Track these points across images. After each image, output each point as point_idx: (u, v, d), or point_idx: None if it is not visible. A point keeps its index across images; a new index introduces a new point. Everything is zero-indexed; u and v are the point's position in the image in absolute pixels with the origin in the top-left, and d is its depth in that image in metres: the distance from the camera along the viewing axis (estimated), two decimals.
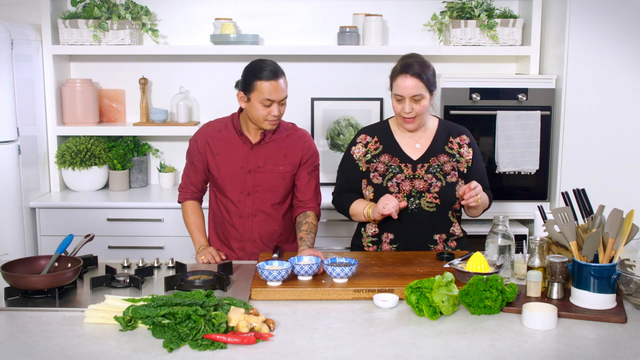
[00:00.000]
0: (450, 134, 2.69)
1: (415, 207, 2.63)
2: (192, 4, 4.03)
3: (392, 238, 2.67)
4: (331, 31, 4.01)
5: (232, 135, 2.72)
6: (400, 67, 2.56)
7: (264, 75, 2.56)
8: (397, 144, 2.68)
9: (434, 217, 2.64)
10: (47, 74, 3.80)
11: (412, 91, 2.53)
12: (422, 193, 2.62)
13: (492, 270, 2.22)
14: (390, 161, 2.65)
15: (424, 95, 2.54)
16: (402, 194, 2.62)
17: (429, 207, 2.63)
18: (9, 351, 1.77)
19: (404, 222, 2.62)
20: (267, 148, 2.72)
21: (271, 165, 2.71)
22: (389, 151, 2.67)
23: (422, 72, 2.53)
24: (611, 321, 1.98)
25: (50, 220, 3.63)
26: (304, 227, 2.68)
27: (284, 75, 2.62)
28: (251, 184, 2.71)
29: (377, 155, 2.68)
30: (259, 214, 2.74)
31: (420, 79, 2.52)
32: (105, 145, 3.90)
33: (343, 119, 4.06)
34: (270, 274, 2.19)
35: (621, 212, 2.08)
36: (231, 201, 2.74)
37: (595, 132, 3.59)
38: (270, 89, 2.56)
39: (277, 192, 2.74)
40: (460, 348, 1.80)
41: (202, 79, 4.06)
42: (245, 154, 2.71)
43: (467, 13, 3.81)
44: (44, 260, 2.29)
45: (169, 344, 1.78)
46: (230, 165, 2.71)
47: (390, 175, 2.64)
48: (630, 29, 3.51)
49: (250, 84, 2.58)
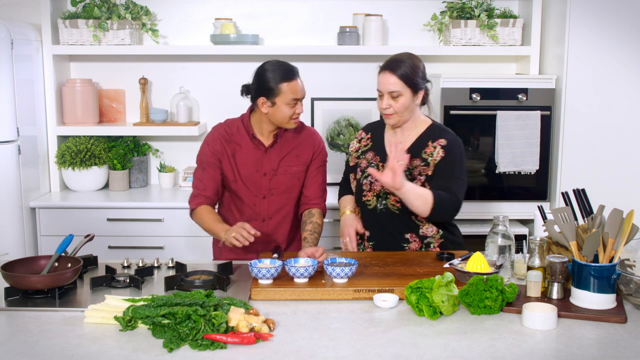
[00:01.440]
0: (430, 138, 2.62)
1: (383, 207, 2.65)
2: (192, 4, 4.03)
3: (369, 235, 2.71)
4: (331, 31, 4.01)
5: (244, 139, 2.69)
6: (383, 64, 2.59)
7: (288, 77, 2.56)
8: (383, 143, 2.71)
9: (400, 218, 2.64)
10: (47, 74, 3.80)
11: (389, 87, 2.54)
12: (388, 195, 2.63)
13: (492, 270, 2.22)
14: (372, 159, 2.70)
15: (402, 93, 2.53)
16: (372, 192, 2.66)
17: (393, 208, 2.63)
18: (9, 351, 1.77)
19: (375, 220, 2.67)
20: (280, 150, 2.71)
21: (285, 167, 2.71)
22: (375, 149, 2.71)
23: (400, 69, 2.53)
24: (611, 321, 1.98)
25: (50, 220, 3.63)
26: (308, 226, 2.68)
27: (299, 72, 2.64)
28: (267, 187, 2.70)
29: (365, 151, 2.73)
30: (274, 216, 2.74)
31: (398, 75, 2.52)
32: (105, 145, 3.90)
33: (343, 119, 4.06)
34: (260, 271, 2.20)
35: (621, 212, 2.08)
36: (246, 204, 2.72)
37: (595, 132, 3.59)
38: (297, 89, 2.58)
39: (292, 193, 2.75)
40: (460, 348, 1.80)
41: (202, 79, 4.06)
42: (260, 157, 2.69)
43: (467, 13, 3.81)
44: (44, 260, 2.29)
45: (169, 344, 1.78)
46: (245, 169, 2.69)
47: (367, 173, 2.67)
48: (630, 29, 3.51)
49: (274, 89, 2.56)
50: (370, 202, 2.67)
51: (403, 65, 2.53)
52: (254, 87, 2.63)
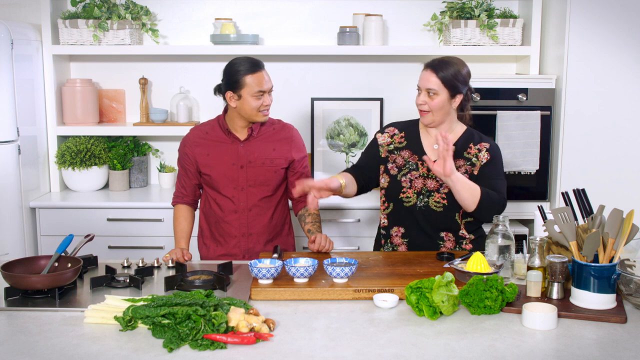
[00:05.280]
0: (472, 141, 2.69)
1: (423, 205, 2.67)
2: (192, 4, 4.03)
3: (403, 232, 2.72)
4: (331, 31, 4.01)
5: (220, 135, 2.80)
6: (428, 62, 2.65)
7: (252, 69, 2.66)
8: (420, 143, 2.72)
9: (441, 216, 2.67)
10: (47, 74, 3.80)
11: (426, 84, 2.60)
12: (431, 192, 2.66)
13: (492, 270, 2.22)
14: (409, 157, 2.71)
15: (438, 92, 2.58)
16: (412, 190, 2.68)
17: (436, 207, 2.66)
18: (9, 351, 1.77)
19: (413, 217, 2.69)
20: (256, 143, 2.79)
21: (262, 159, 2.78)
22: (411, 148, 2.72)
23: (441, 68, 2.59)
24: (611, 321, 1.98)
25: (50, 220, 3.63)
26: (308, 219, 2.79)
27: (264, 66, 2.72)
28: (244, 179, 2.78)
29: (399, 148, 2.74)
30: (253, 208, 2.80)
31: (437, 74, 2.58)
32: (105, 145, 3.90)
33: (343, 119, 4.06)
34: (260, 271, 2.20)
35: (621, 212, 2.08)
36: (226, 197, 2.80)
37: (595, 132, 3.59)
38: (261, 81, 2.67)
39: (270, 185, 2.81)
40: (460, 348, 1.80)
41: (202, 79, 4.06)
42: (236, 150, 2.78)
43: (467, 13, 3.81)
44: (44, 260, 2.29)
45: (169, 344, 1.78)
46: (221, 163, 2.77)
47: (405, 171, 2.70)
48: (630, 29, 3.51)
49: (238, 82, 2.67)
50: (411, 199, 2.68)
51: (446, 67, 2.59)
52: (223, 84, 2.74)
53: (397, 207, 2.73)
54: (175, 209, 2.89)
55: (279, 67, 4.00)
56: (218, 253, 2.85)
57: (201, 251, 2.93)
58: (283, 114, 3.61)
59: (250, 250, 2.82)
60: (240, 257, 2.81)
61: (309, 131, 4.05)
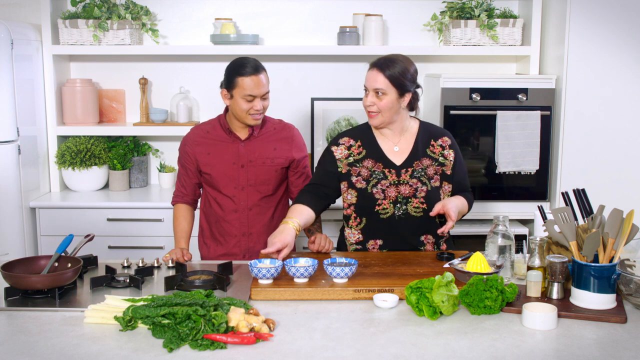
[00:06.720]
0: (432, 137, 2.65)
1: (402, 213, 2.60)
2: (192, 4, 4.03)
3: (381, 244, 2.64)
4: (331, 31, 4.01)
5: (220, 134, 2.80)
6: (373, 61, 2.56)
7: (245, 71, 2.64)
8: (379, 148, 2.63)
9: (422, 221, 2.62)
10: (47, 74, 3.80)
11: (373, 84, 2.52)
12: (408, 199, 2.60)
13: (492, 270, 2.22)
14: (374, 166, 2.61)
15: (386, 92, 2.50)
16: (387, 200, 2.59)
17: (416, 213, 2.60)
18: (9, 351, 1.77)
19: (391, 227, 2.61)
20: (257, 143, 2.79)
21: (262, 159, 2.78)
22: (372, 156, 2.62)
23: (387, 67, 2.50)
24: (611, 321, 1.98)
25: (50, 220, 3.63)
26: None
27: (264, 71, 2.69)
28: (244, 178, 2.78)
29: (360, 159, 2.62)
30: (254, 207, 2.81)
31: (386, 75, 2.49)
32: (105, 145, 3.91)
33: (343, 119, 4.06)
34: (260, 271, 2.20)
35: (621, 212, 2.08)
36: (226, 197, 2.80)
37: (595, 132, 3.59)
38: (252, 85, 2.64)
39: (270, 184, 2.81)
40: (460, 348, 1.80)
41: (202, 79, 4.06)
42: (236, 150, 2.78)
43: (467, 13, 3.81)
44: (44, 260, 2.29)
45: (169, 344, 1.78)
46: (222, 162, 2.78)
47: (374, 182, 2.60)
48: (630, 29, 3.51)
49: (232, 81, 2.67)
50: (387, 210, 2.59)
51: (392, 66, 2.50)
52: (222, 80, 2.75)
53: (372, 220, 2.61)
54: (175, 209, 2.89)
55: (279, 67, 4.00)
56: (218, 252, 2.86)
57: (201, 250, 2.94)
58: (283, 114, 3.61)
59: (251, 250, 2.82)
60: (241, 256, 2.81)
61: (309, 131, 4.05)
